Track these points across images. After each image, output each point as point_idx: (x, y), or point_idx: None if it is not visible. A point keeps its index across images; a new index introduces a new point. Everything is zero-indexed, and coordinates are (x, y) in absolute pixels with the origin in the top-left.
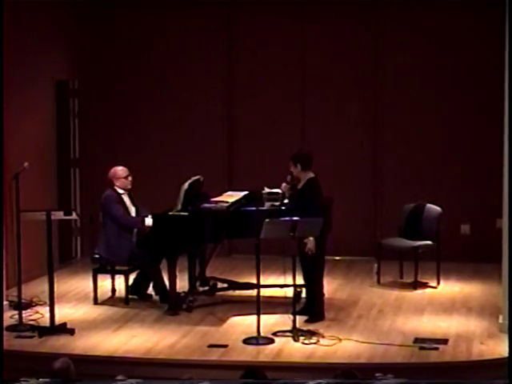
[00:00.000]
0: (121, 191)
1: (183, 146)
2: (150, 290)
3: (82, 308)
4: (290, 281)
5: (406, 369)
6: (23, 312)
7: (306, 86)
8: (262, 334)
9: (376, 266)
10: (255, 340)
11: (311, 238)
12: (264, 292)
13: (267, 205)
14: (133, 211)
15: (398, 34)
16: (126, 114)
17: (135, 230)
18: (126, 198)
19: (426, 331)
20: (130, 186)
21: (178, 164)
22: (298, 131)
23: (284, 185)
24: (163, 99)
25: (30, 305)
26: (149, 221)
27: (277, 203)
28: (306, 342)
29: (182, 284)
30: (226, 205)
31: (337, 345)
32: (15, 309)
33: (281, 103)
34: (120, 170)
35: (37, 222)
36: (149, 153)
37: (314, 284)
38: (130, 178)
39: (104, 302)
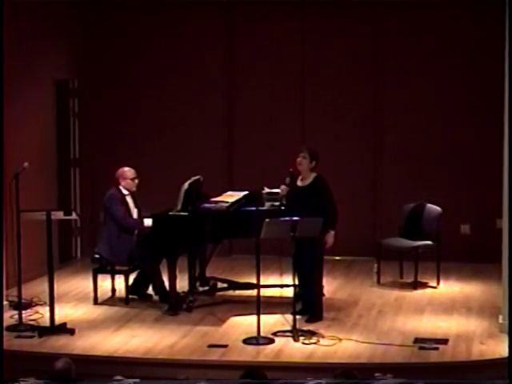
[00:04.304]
0: (125, 192)
1: (183, 146)
2: (150, 290)
3: (82, 308)
4: (286, 281)
5: (405, 369)
6: (23, 312)
7: (306, 86)
8: (262, 334)
9: (376, 265)
10: (255, 340)
11: (332, 232)
12: (264, 292)
13: (267, 205)
14: (135, 213)
15: (398, 34)
16: (126, 113)
17: (136, 231)
18: (129, 200)
19: (426, 331)
20: (135, 189)
21: (177, 164)
22: (298, 131)
23: (283, 187)
24: (163, 99)
25: (30, 305)
26: (148, 221)
27: (277, 203)
28: (306, 342)
29: (182, 284)
30: (226, 205)
31: (337, 345)
32: (15, 309)
33: (281, 103)
34: (128, 170)
35: (37, 222)
36: (149, 153)
37: (313, 284)
38: (136, 181)
39: (104, 302)
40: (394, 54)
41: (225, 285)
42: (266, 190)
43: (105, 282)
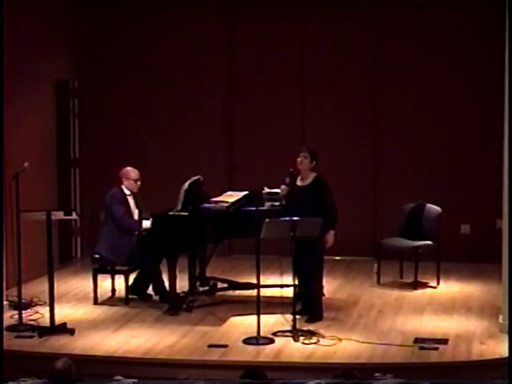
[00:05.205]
0: (127, 192)
1: (183, 146)
2: (150, 290)
3: (82, 308)
4: (286, 281)
5: (406, 369)
6: (23, 312)
7: (306, 86)
8: (262, 334)
9: (376, 265)
10: (255, 340)
11: (332, 232)
12: (264, 292)
13: (267, 205)
14: (136, 214)
15: (398, 34)
16: (126, 113)
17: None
18: (130, 200)
19: (426, 331)
20: (136, 190)
21: (177, 164)
22: (298, 131)
23: (283, 187)
24: (163, 99)
25: (29, 305)
26: (146, 223)
27: (277, 203)
28: (306, 342)
29: (182, 284)
30: (226, 205)
31: (337, 345)
32: (15, 309)
33: (281, 103)
34: (131, 170)
35: (37, 222)
36: (149, 152)
37: (313, 284)
38: (138, 183)
39: (104, 302)
40: (394, 54)
41: (225, 285)
42: (266, 189)
43: (105, 282)
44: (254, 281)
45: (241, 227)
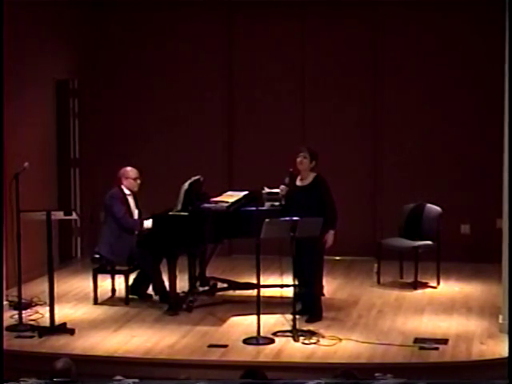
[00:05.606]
0: (127, 191)
1: (183, 146)
2: (150, 290)
3: (82, 308)
4: (286, 281)
5: (405, 369)
6: (23, 312)
7: (306, 86)
8: (262, 334)
9: (376, 265)
10: (255, 340)
11: (332, 232)
12: (264, 292)
13: (267, 205)
14: (135, 214)
15: (398, 34)
16: (126, 113)
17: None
18: (130, 200)
19: (426, 331)
20: (136, 189)
21: (177, 164)
22: (298, 131)
23: (283, 187)
24: (163, 99)
25: (29, 305)
26: (148, 223)
27: (277, 203)
28: (306, 342)
29: (182, 284)
30: (226, 205)
31: (337, 345)
32: (15, 309)
33: (281, 103)
34: (130, 170)
35: (37, 222)
36: (149, 153)
37: (313, 284)
38: (138, 181)
39: (104, 302)
40: (394, 54)
41: (225, 285)
42: (266, 189)
43: (105, 282)
44: (254, 281)
45: (241, 227)
